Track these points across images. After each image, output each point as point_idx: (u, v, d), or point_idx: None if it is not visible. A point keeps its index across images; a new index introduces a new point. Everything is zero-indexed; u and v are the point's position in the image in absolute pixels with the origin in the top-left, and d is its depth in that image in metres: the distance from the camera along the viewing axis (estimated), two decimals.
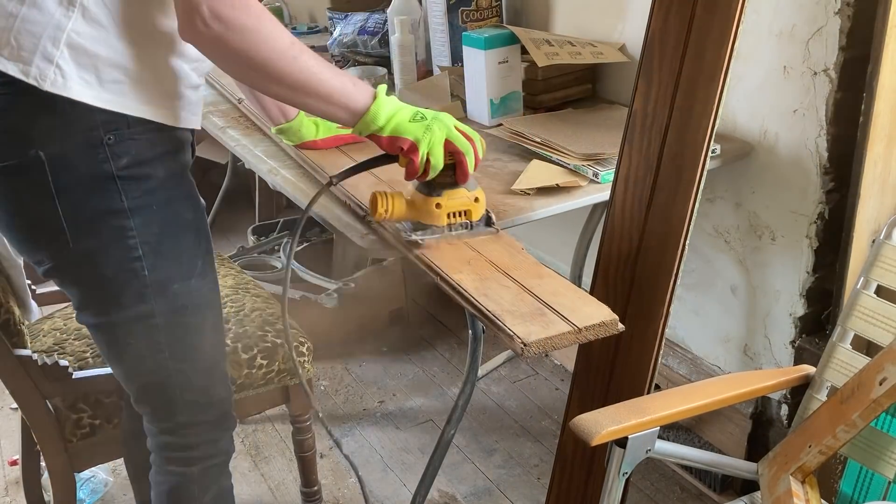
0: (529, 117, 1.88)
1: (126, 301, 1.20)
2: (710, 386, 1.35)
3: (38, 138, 1.10)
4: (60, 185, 1.12)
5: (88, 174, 1.13)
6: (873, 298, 1.31)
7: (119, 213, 1.15)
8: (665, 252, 1.44)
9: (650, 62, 1.49)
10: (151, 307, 1.21)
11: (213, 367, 1.33)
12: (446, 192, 1.29)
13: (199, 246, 1.25)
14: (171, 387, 1.29)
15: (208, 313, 1.29)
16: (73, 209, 1.14)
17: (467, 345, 1.75)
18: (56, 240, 1.16)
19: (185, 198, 1.23)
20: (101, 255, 1.17)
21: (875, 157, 1.50)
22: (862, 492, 1.32)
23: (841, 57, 1.50)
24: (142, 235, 1.17)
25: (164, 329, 1.24)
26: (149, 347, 1.25)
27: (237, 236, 3.27)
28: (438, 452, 1.78)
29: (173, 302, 1.23)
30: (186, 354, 1.28)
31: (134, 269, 1.18)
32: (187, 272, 1.23)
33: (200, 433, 1.34)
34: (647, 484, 2.00)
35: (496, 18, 2.14)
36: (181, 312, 1.24)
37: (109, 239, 1.17)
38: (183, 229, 1.23)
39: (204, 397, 1.33)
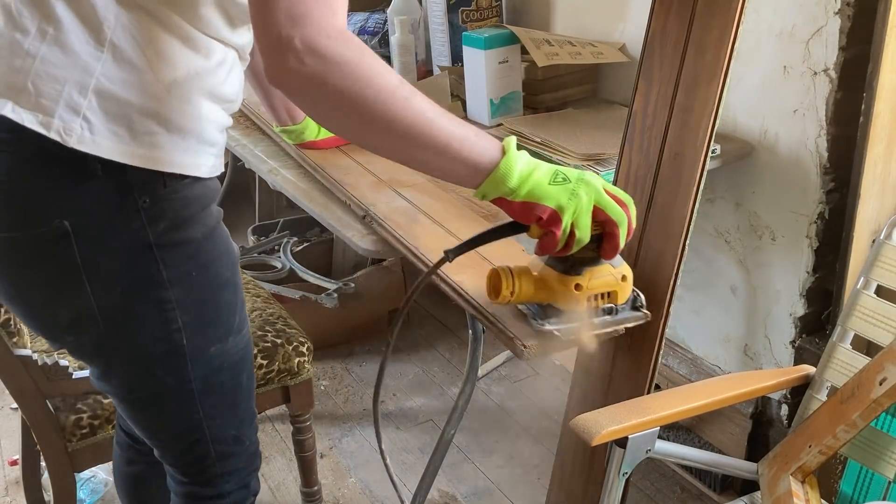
0: (529, 117, 1.88)
1: (162, 373, 1.10)
2: (710, 386, 1.36)
3: (61, 206, 0.95)
4: (88, 258, 0.98)
5: (122, 245, 0.99)
6: (873, 298, 1.31)
7: (157, 285, 1.02)
8: (665, 252, 1.44)
9: (650, 62, 1.49)
10: (189, 374, 1.11)
11: (245, 415, 1.25)
12: (587, 269, 1.05)
13: (236, 302, 1.14)
14: (204, 444, 1.20)
15: (244, 367, 1.20)
16: (103, 285, 1.00)
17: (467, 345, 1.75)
18: (82, 319, 1.02)
19: (222, 254, 1.10)
20: (135, 332, 1.05)
21: (875, 158, 1.50)
22: (862, 492, 1.32)
23: (841, 57, 1.50)
24: (181, 306, 1.05)
25: (200, 392, 1.14)
26: (182, 412, 1.15)
27: (237, 236, 3.27)
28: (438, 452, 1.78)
29: (210, 364, 1.13)
30: (221, 411, 1.19)
31: (173, 340, 1.07)
32: (225, 332, 1.13)
33: (231, 480, 1.26)
34: (647, 484, 2.00)
35: (496, 18, 2.14)
36: (217, 373, 1.15)
37: (145, 315, 1.04)
38: (221, 289, 1.11)
39: (237, 446, 1.25)
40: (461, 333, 2.62)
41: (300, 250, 2.68)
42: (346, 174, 1.58)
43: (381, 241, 1.38)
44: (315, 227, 2.83)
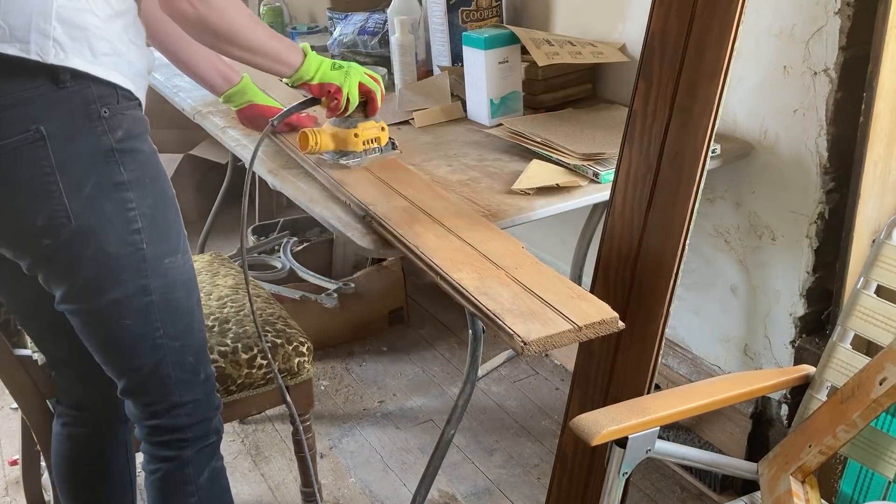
0: (529, 117, 1.88)
1: (126, 277, 1.22)
2: (710, 386, 1.35)
3: (38, 114, 1.12)
4: (61, 160, 1.13)
5: (89, 148, 1.15)
6: (873, 298, 1.31)
7: (120, 185, 1.18)
8: (665, 252, 1.44)
9: (650, 62, 1.49)
10: (149, 282, 1.23)
11: (201, 345, 1.35)
12: (360, 124, 1.60)
13: (180, 222, 1.30)
14: (165, 366, 1.29)
15: (194, 289, 1.32)
16: (74, 184, 1.15)
17: (467, 345, 1.75)
18: (56, 218, 1.15)
19: (165, 175, 1.28)
20: (103, 229, 1.18)
21: (875, 157, 1.50)
22: (862, 492, 1.32)
23: (841, 57, 1.50)
24: (140, 207, 1.21)
25: (158, 306, 1.26)
26: (145, 326, 1.26)
27: (237, 236, 3.27)
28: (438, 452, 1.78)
29: (166, 277, 1.25)
30: (179, 331, 1.30)
31: (134, 242, 1.21)
32: (175, 246, 1.28)
33: (193, 412, 1.34)
34: (647, 484, 2.00)
35: (496, 18, 2.14)
36: (173, 288, 1.27)
37: (112, 212, 1.18)
38: (168, 204, 1.27)
39: (195, 375, 1.34)
40: (461, 333, 2.62)
41: (300, 250, 2.68)
42: (346, 174, 1.58)
43: (381, 240, 1.38)
44: (315, 227, 2.83)
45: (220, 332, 1.67)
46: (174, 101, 2.20)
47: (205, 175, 3.51)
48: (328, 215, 1.49)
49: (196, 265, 1.93)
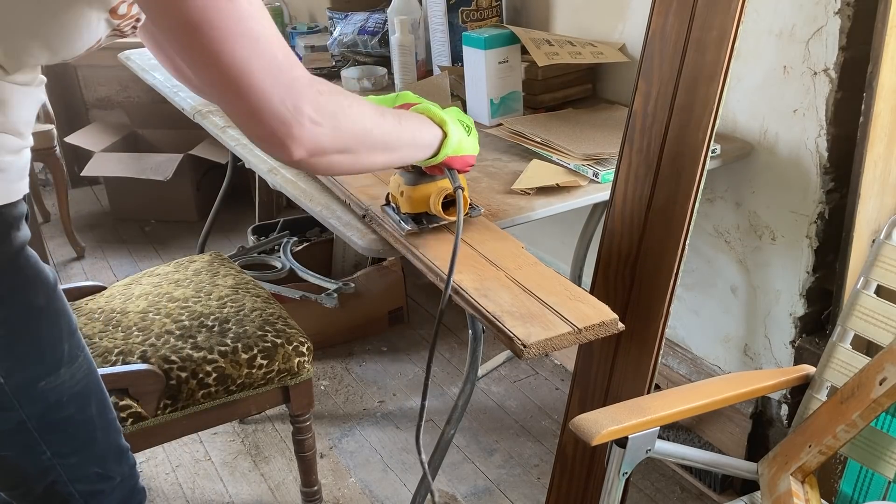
0: (529, 117, 1.88)
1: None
2: (710, 386, 1.35)
3: None
4: None
5: None
6: (873, 298, 1.31)
7: None
8: (665, 252, 1.44)
9: (650, 62, 1.49)
10: (19, 413, 1.05)
11: (107, 450, 1.18)
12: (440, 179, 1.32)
13: (60, 330, 1.08)
14: (62, 485, 1.13)
15: (90, 398, 1.14)
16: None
17: (467, 345, 1.75)
18: None
19: (30, 281, 1.04)
20: None
21: (875, 157, 1.50)
22: (862, 492, 1.32)
23: (841, 57, 1.50)
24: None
25: (40, 431, 1.08)
26: (27, 454, 1.09)
27: (237, 236, 3.27)
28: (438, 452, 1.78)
29: (45, 400, 1.07)
30: (75, 448, 1.13)
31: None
32: (53, 365, 1.07)
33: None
34: (647, 484, 2.00)
35: (496, 18, 2.14)
36: (57, 408, 1.09)
37: None
38: (35, 319, 1.04)
39: (105, 483, 1.18)
40: (461, 333, 2.62)
41: (300, 250, 2.68)
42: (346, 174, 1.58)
43: (381, 240, 1.38)
44: (315, 227, 2.83)
45: (220, 331, 1.67)
46: (174, 101, 2.20)
47: (205, 175, 3.51)
48: (328, 215, 1.49)
49: (196, 265, 1.94)
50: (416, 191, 1.30)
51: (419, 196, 1.30)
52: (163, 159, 3.36)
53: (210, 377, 1.59)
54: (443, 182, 1.30)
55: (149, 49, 1.27)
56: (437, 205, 1.29)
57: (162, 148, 3.61)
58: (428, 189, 1.30)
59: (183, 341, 1.63)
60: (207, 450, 2.19)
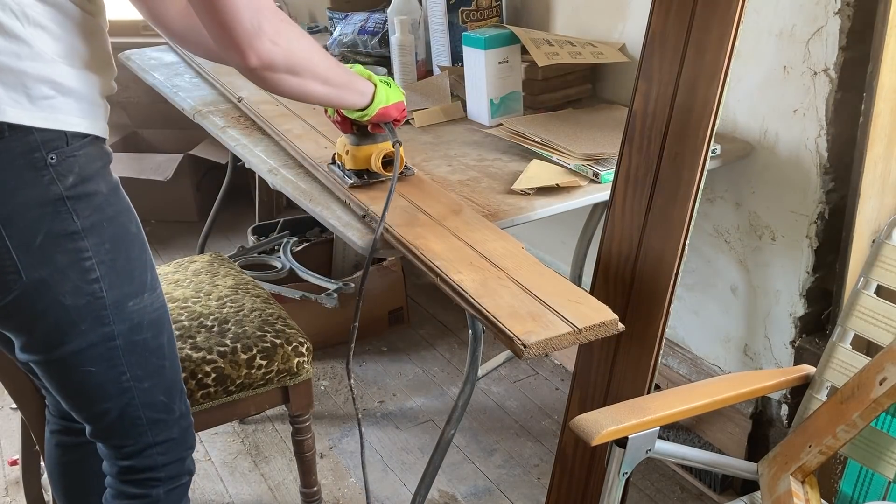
0: (529, 117, 1.88)
1: (86, 327, 1.15)
2: (710, 386, 1.35)
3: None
4: (6, 214, 1.06)
5: (36, 199, 1.07)
6: (873, 298, 1.31)
7: (73, 234, 1.10)
8: (665, 252, 1.44)
9: (650, 62, 1.49)
10: (112, 329, 1.17)
11: (173, 382, 1.30)
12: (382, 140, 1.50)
13: (146, 259, 1.22)
14: (134, 408, 1.24)
15: (163, 327, 1.26)
16: (22, 238, 1.07)
17: (467, 345, 1.75)
18: (5, 275, 1.08)
19: (127, 210, 1.20)
20: (57, 282, 1.11)
21: (875, 157, 1.50)
22: (862, 492, 1.32)
23: (841, 57, 1.49)
24: (97, 255, 1.13)
25: (124, 350, 1.20)
26: (110, 372, 1.20)
27: (237, 236, 3.27)
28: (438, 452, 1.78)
29: (131, 320, 1.19)
30: (148, 372, 1.24)
31: (93, 291, 1.14)
32: (140, 287, 1.20)
33: (167, 451, 1.30)
34: (647, 484, 2.00)
35: (496, 18, 2.14)
36: (138, 330, 1.21)
37: (65, 263, 1.11)
38: (131, 243, 1.19)
39: (167, 414, 1.29)
40: (461, 333, 2.62)
41: (300, 250, 2.67)
42: None
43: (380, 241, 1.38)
44: (315, 227, 2.83)
45: (219, 332, 1.67)
46: (174, 101, 2.20)
47: (205, 175, 3.51)
48: (328, 215, 1.49)
49: (196, 265, 1.94)
50: (359, 150, 1.48)
51: (362, 155, 1.48)
52: (163, 159, 3.35)
53: (209, 377, 1.59)
54: (384, 144, 1.47)
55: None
56: (377, 163, 1.47)
57: (162, 148, 3.61)
58: (370, 149, 1.48)
59: (182, 341, 1.63)
60: (207, 450, 2.19)
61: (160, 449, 1.29)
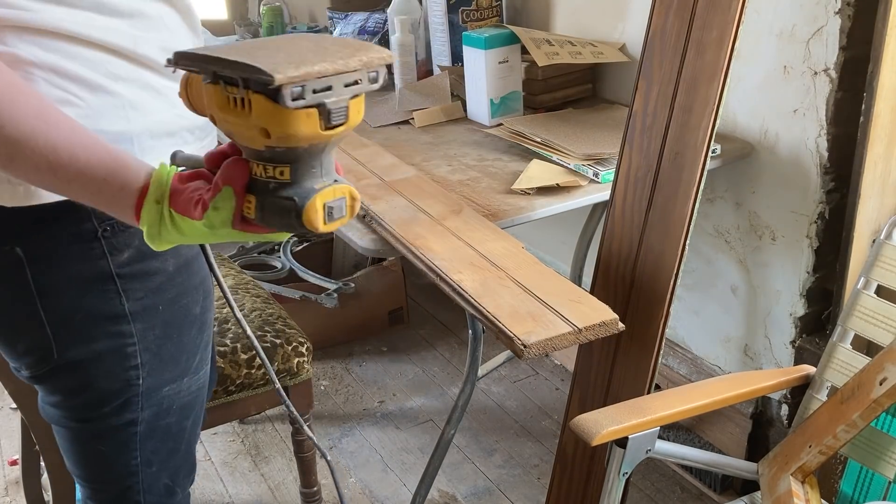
0: (529, 117, 1.88)
1: (111, 411, 1.04)
2: (710, 386, 1.35)
3: (13, 231, 0.90)
4: (44, 286, 0.93)
5: (80, 274, 0.93)
6: (873, 298, 1.31)
7: (118, 318, 0.97)
8: (665, 252, 1.44)
9: (650, 62, 1.49)
10: (137, 416, 1.05)
11: (184, 463, 1.18)
12: None
13: (201, 340, 1.09)
14: (135, 492, 1.13)
15: (193, 409, 1.14)
16: (59, 315, 0.95)
17: (467, 345, 1.75)
18: (36, 348, 0.98)
19: (195, 288, 1.04)
20: (92, 365, 0.99)
21: (875, 158, 1.50)
22: (862, 492, 1.32)
23: (841, 57, 1.49)
24: (142, 341, 1.00)
25: (143, 435, 1.08)
26: (121, 455, 1.09)
27: None
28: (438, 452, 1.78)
29: (160, 405, 1.07)
30: (160, 458, 1.12)
31: (128, 378, 1.02)
32: (183, 372, 1.08)
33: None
34: (647, 484, 2.00)
35: (496, 18, 2.14)
36: (165, 415, 1.09)
37: (104, 348, 0.99)
38: (189, 326, 1.05)
39: (168, 498, 1.17)
40: (461, 333, 2.62)
41: (300, 250, 2.68)
42: (346, 174, 1.58)
43: (381, 240, 1.38)
44: None
45: (219, 332, 1.67)
46: None
47: None
48: None
49: None
50: None
51: None
52: None
53: None
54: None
55: None
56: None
57: None
58: None
59: None
60: (207, 450, 2.19)
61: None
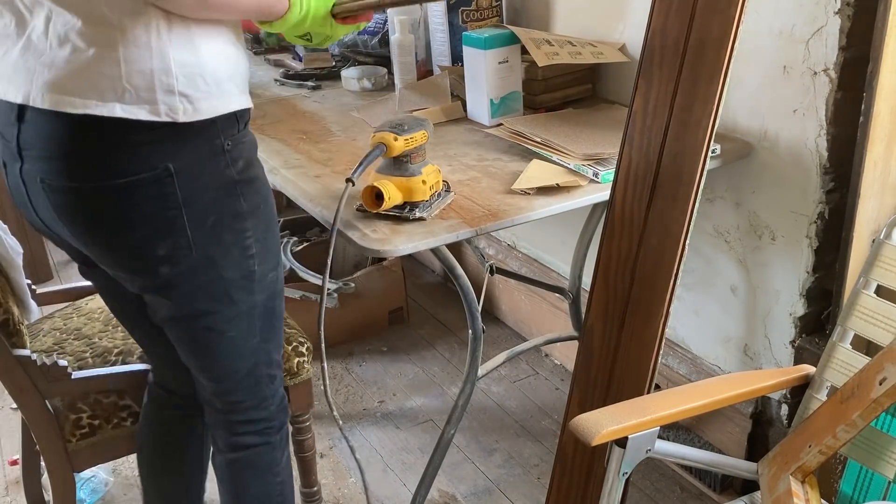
0: (529, 117, 1.88)
1: (238, 297, 1.27)
2: (710, 386, 1.35)
3: (168, 153, 1.13)
4: (187, 195, 1.16)
5: (214, 183, 1.18)
6: (873, 298, 1.31)
7: (240, 215, 1.22)
8: (665, 252, 1.44)
9: (650, 62, 1.49)
10: (255, 298, 1.30)
11: (281, 341, 1.43)
12: (423, 168, 1.42)
13: (279, 236, 1.35)
14: (260, 367, 1.37)
15: (282, 294, 1.39)
16: (198, 217, 1.18)
17: (467, 344, 1.75)
18: (178, 249, 1.19)
19: (271, 192, 1.31)
20: (222, 258, 1.23)
21: (875, 157, 1.50)
22: (862, 492, 1.32)
23: (841, 57, 1.50)
24: (255, 234, 1.25)
25: (260, 316, 1.33)
26: (247, 336, 1.33)
27: None
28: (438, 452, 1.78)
29: (270, 290, 1.32)
30: (272, 334, 1.38)
31: (248, 265, 1.26)
32: (278, 260, 1.34)
33: (275, 402, 1.43)
34: (647, 484, 2.00)
35: (496, 18, 2.14)
36: (272, 297, 1.34)
37: (231, 242, 1.23)
38: (274, 222, 1.32)
39: (279, 369, 1.43)
40: (461, 333, 2.62)
41: (300, 250, 2.67)
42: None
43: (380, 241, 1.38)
44: (315, 227, 2.83)
45: None
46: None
47: None
48: (328, 215, 1.49)
49: None
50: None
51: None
52: None
53: None
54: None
55: None
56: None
57: None
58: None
59: None
60: None
61: (273, 401, 1.43)
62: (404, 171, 1.41)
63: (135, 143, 1.12)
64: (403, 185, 1.41)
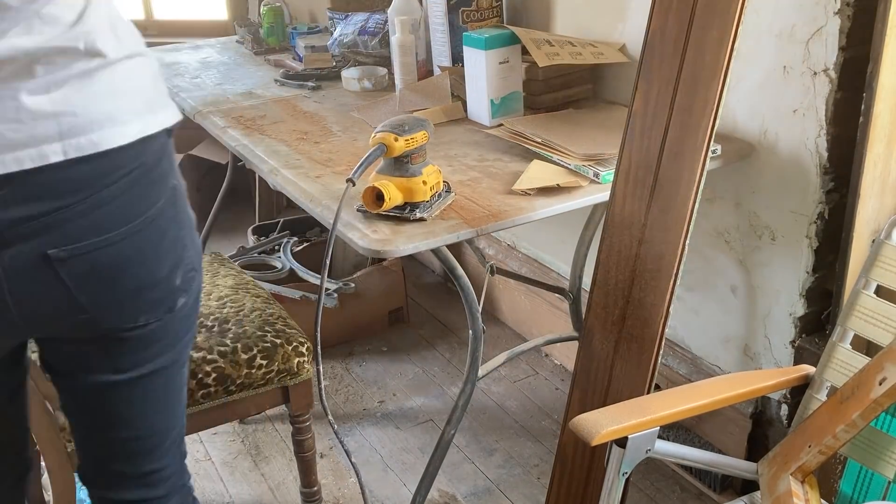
0: (530, 117, 1.88)
1: (192, 336, 1.16)
2: (710, 386, 1.35)
3: (169, 168, 1.05)
4: (181, 211, 1.07)
5: (183, 193, 1.10)
6: (873, 298, 1.31)
7: (191, 225, 1.12)
8: (665, 252, 1.45)
9: (650, 62, 1.49)
10: (194, 332, 1.18)
11: None
12: (423, 169, 1.42)
13: None
14: (181, 434, 1.23)
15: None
16: (189, 233, 1.09)
17: (467, 345, 1.75)
18: (188, 272, 1.08)
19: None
20: (200, 272, 1.13)
21: (875, 157, 1.50)
22: (862, 492, 1.32)
23: (841, 57, 1.50)
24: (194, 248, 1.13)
25: (187, 345, 1.18)
26: (182, 389, 1.19)
27: (237, 236, 3.27)
28: (438, 452, 1.78)
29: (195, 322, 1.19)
30: (183, 396, 1.22)
31: (199, 290, 1.15)
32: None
33: (185, 458, 1.27)
34: (647, 484, 2.00)
35: (497, 18, 2.14)
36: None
37: (197, 255, 1.12)
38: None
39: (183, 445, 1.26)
40: (461, 333, 2.62)
41: (300, 250, 2.68)
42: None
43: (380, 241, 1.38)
44: (315, 227, 2.83)
45: (219, 332, 1.67)
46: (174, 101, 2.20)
47: (205, 175, 3.51)
48: (328, 215, 1.49)
49: None
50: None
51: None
52: None
53: (209, 377, 1.59)
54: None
55: None
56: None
57: None
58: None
59: None
60: (207, 450, 2.19)
61: (183, 458, 1.26)
62: (405, 172, 1.40)
63: (150, 163, 1.04)
64: (404, 186, 1.40)
